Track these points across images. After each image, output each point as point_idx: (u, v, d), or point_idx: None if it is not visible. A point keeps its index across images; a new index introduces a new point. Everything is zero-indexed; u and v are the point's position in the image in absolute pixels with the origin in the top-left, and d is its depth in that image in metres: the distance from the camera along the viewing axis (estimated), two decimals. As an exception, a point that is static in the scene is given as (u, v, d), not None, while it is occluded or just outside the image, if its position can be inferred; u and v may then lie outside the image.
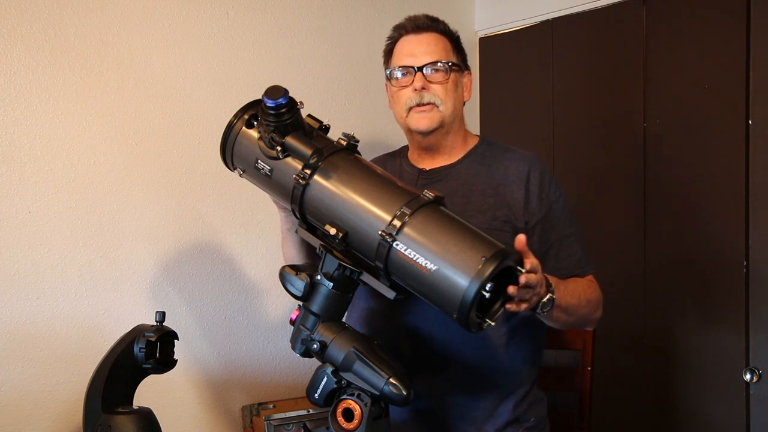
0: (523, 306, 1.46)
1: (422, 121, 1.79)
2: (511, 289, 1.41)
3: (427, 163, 1.87)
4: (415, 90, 1.77)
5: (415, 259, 1.40)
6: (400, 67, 1.81)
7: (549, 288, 1.53)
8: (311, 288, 1.53)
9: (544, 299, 1.51)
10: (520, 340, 1.77)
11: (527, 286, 1.43)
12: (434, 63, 1.79)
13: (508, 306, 1.44)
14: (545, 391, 1.99)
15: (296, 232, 1.62)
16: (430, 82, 1.78)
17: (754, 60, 2.14)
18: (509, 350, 1.76)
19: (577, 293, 1.72)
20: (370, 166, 1.57)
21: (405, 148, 1.95)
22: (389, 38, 1.88)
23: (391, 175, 1.60)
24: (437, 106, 1.78)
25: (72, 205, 2.02)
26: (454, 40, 1.86)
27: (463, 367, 1.74)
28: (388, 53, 1.87)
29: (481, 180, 1.81)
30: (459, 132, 1.87)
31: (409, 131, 1.84)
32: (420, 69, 1.78)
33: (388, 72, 1.85)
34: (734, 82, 2.17)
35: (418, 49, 1.80)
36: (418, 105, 1.78)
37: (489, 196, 1.78)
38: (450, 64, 1.80)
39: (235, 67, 2.29)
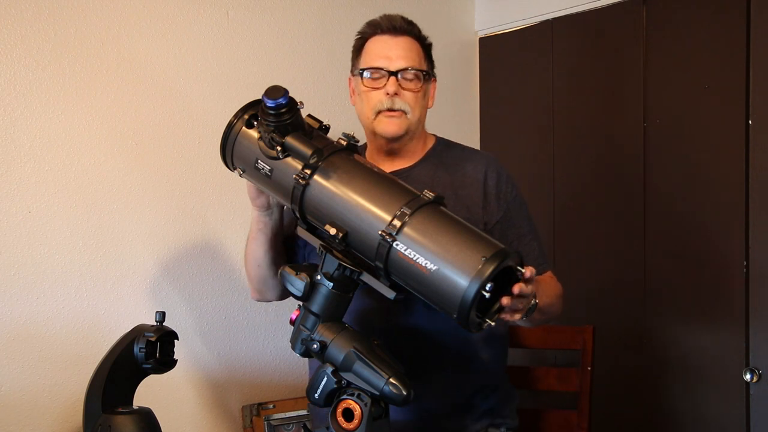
0: (517, 316, 1.47)
1: (390, 126, 1.78)
2: (505, 300, 1.41)
3: (386, 166, 1.85)
4: (387, 94, 1.76)
5: (415, 259, 1.40)
6: (372, 68, 1.79)
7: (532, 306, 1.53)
8: (311, 288, 1.52)
9: (530, 304, 1.52)
10: (494, 336, 1.81)
11: (521, 295, 1.43)
12: (409, 69, 1.77)
13: (503, 316, 1.45)
14: (546, 391, 1.99)
15: (296, 232, 1.62)
16: (403, 88, 1.77)
17: (754, 60, 2.14)
18: (486, 346, 1.80)
19: (549, 292, 1.75)
20: (369, 165, 1.57)
21: (362, 147, 1.93)
22: (361, 33, 1.85)
23: (392, 175, 1.60)
24: (406, 114, 1.77)
25: (72, 205, 2.02)
26: (426, 46, 1.84)
27: (451, 364, 1.76)
28: (358, 50, 1.85)
29: (439, 183, 1.81)
30: (420, 136, 1.87)
31: (373, 134, 1.83)
32: (394, 73, 1.77)
33: (360, 70, 1.81)
34: (734, 82, 2.17)
35: (394, 53, 1.78)
36: (389, 110, 1.77)
37: (448, 199, 1.76)
38: (423, 72, 1.80)
39: (235, 67, 2.29)
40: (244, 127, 1.58)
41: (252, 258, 1.85)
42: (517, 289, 1.41)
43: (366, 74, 1.79)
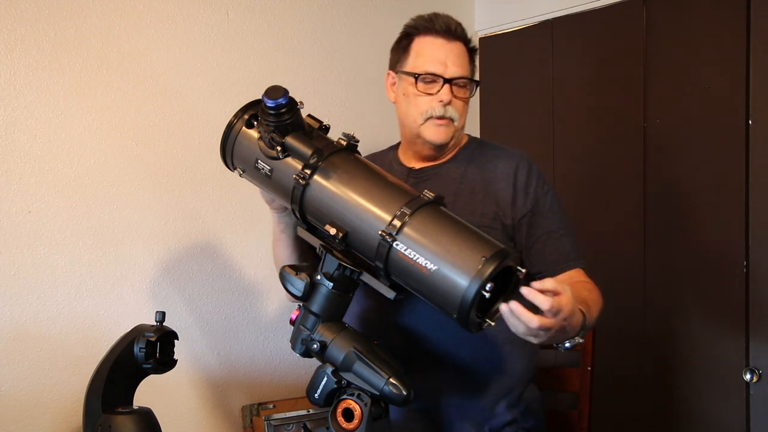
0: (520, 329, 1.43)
1: (440, 135, 1.77)
2: (503, 308, 1.36)
3: (417, 162, 1.86)
4: (441, 101, 1.75)
5: (415, 259, 1.40)
6: (430, 73, 1.76)
7: (580, 332, 1.48)
8: (311, 288, 1.53)
9: (566, 344, 1.48)
10: (516, 339, 1.75)
11: (542, 330, 1.38)
12: (463, 78, 1.77)
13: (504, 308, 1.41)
14: (545, 390, 1.99)
15: (297, 232, 1.62)
16: (455, 96, 1.76)
17: (754, 60, 2.14)
18: (505, 350, 1.76)
19: (594, 304, 1.67)
20: (370, 166, 1.57)
21: (396, 146, 1.94)
22: (410, 28, 1.81)
23: (391, 175, 1.60)
24: (453, 121, 1.77)
25: (72, 205, 2.02)
26: (472, 51, 1.83)
27: (459, 367, 1.74)
28: (406, 46, 1.81)
29: (469, 178, 1.81)
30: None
31: (417, 137, 1.82)
32: (449, 81, 1.75)
33: (415, 75, 1.77)
34: (734, 82, 2.17)
35: (450, 59, 1.76)
36: (439, 117, 1.76)
37: (477, 194, 1.78)
38: (475, 81, 1.80)
39: (235, 67, 2.29)
40: (244, 127, 1.58)
41: (279, 260, 1.85)
42: (508, 306, 1.36)
43: (421, 79, 1.76)
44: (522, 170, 1.79)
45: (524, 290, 1.36)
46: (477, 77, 1.84)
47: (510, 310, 1.36)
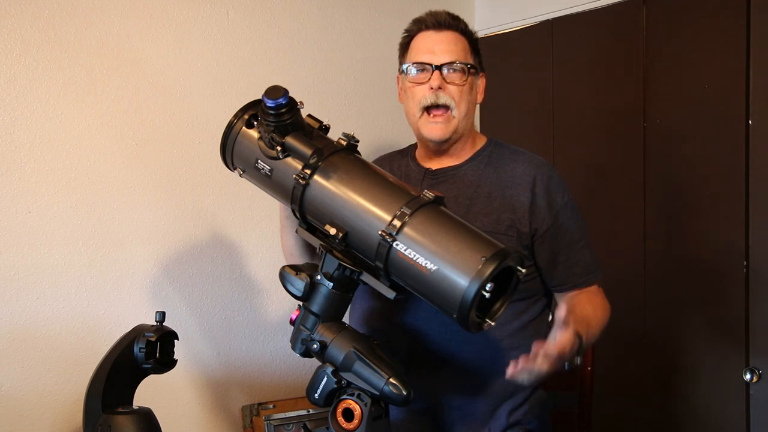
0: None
1: (436, 131, 1.76)
2: (511, 370, 1.44)
3: (434, 163, 1.85)
4: (431, 89, 1.74)
5: (415, 259, 1.40)
6: (417, 63, 1.77)
7: (579, 351, 1.52)
8: (311, 288, 1.53)
9: (565, 367, 1.52)
10: (524, 343, 1.71)
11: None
12: (453, 63, 1.75)
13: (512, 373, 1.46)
14: (545, 390, 1.98)
15: (296, 232, 1.62)
16: (447, 82, 1.75)
17: (754, 60, 2.14)
18: (511, 354, 1.69)
19: (596, 322, 1.71)
20: (370, 165, 1.57)
21: (413, 146, 1.93)
22: (407, 31, 1.84)
23: (391, 174, 1.60)
24: (451, 111, 1.75)
25: (72, 205, 2.02)
26: (473, 41, 1.82)
27: (461, 369, 1.73)
28: (405, 47, 1.83)
29: (486, 182, 1.78)
30: (469, 134, 1.84)
31: (420, 133, 1.81)
32: (438, 68, 1.74)
33: (404, 67, 1.80)
34: (734, 82, 2.17)
35: (438, 47, 1.76)
36: (433, 106, 1.75)
37: (494, 199, 1.76)
38: (468, 66, 1.77)
39: (235, 67, 2.29)
40: (244, 127, 1.58)
41: (285, 248, 1.87)
42: (515, 368, 1.44)
43: (411, 70, 1.78)
44: (541, 178, 1.76)
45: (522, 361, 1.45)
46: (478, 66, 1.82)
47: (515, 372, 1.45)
